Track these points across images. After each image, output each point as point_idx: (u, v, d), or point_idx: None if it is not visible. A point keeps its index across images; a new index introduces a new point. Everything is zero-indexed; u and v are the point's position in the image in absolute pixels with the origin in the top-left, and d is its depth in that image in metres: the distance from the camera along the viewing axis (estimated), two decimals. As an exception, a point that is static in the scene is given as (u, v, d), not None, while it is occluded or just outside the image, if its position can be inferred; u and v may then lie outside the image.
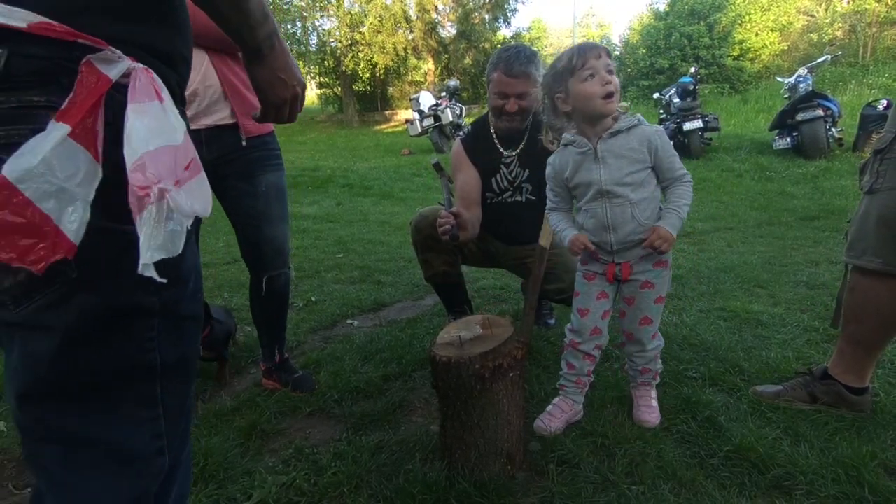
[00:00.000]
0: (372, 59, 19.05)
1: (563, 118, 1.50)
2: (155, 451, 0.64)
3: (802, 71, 8.05)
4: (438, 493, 1.24)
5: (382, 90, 21.95)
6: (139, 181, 0.48)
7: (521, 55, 1.86)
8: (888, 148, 1.40)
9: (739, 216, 5.21)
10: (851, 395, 1.53)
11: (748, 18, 17.18)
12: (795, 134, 7.42)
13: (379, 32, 18.98)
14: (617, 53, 19.97)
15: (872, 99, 7.92)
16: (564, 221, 1.59)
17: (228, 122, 1.58)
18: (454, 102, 10.83)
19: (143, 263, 0.50)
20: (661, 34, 17.09)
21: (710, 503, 1.21)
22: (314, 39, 20.15)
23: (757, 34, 17.22)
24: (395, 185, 7.75)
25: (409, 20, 20.00)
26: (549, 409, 1.59)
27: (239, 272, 3.19)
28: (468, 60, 20.80)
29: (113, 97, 0.52)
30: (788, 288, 2.86)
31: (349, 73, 19.79)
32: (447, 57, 20.96)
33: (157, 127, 0.52)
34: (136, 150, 0.50)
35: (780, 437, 1.45)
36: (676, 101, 8.25)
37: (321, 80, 21.82)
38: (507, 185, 2.08)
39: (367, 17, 19.23)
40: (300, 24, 19.45)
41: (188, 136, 0.57)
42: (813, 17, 18.40)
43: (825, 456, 1.35)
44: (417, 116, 10.46)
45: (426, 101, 10.57)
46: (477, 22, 20.53)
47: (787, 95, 8.14)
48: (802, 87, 7.68)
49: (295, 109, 0.85)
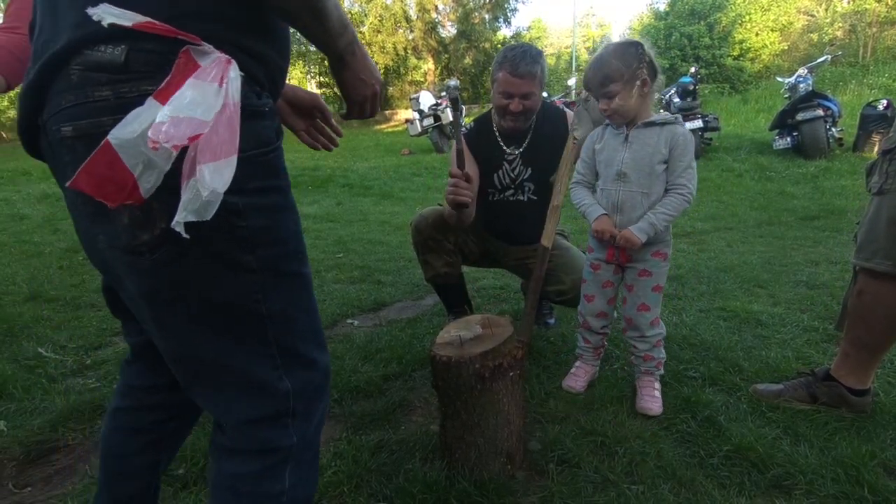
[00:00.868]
0: (372, 58, 19.08)
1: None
2: (276, 378, 0.78)
3: (802, 71, 8.05)
4: (438, 492, 1.25)
5: (382, 90, 21.95)
6: (153, 135, 0.56)
7: (526, 55, 1.86)
8: None
9: (739, 216, 5.21)
10: (853, 396, 1.54)
11: (748, 18, 17.20)
12: (795, 134, 7.43)
13: (379, 32, 19.01)
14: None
15: (872, 99, 7.92)
16: (590, 197, 1.70)
17: None
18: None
19: (175, 221, 0.59)
20: (661, 34, 17.10)
21: (709, 503, 1.22)
22: (314, 39, 20.14)
23: (757, 34, 17.24)
24: (394, 184, 7.76)
25: (409, 20, 20.03)
26: (573, 370, 1.81)
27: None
28: (468, 60, 20.83)
29: None
30: (788, 288, 2.86)
31: (349, 72, 19.76)
32: (447, 57, 20.99)
33: (198, 101, 0.60)
34: (170, 111, 0.57)
35: (779, 436, 1.45)
36: (676, 100, 8.25)
37: (321, 79, 21.84)
38: (508, 181, 2.08)
39: (367, 16, 19.26)
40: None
41: (233, 123, 0.63)
42: (813, 16, 18.41)
43: (825, 455, 1.35)
44: (417, 116, 10.46)
45: (426, 100, 10.57)
46: (477, 22, 20.56)
47: (787, 95, 8.14)
48: (802, 87, 7.68)
49: (375, 105, 0.97)
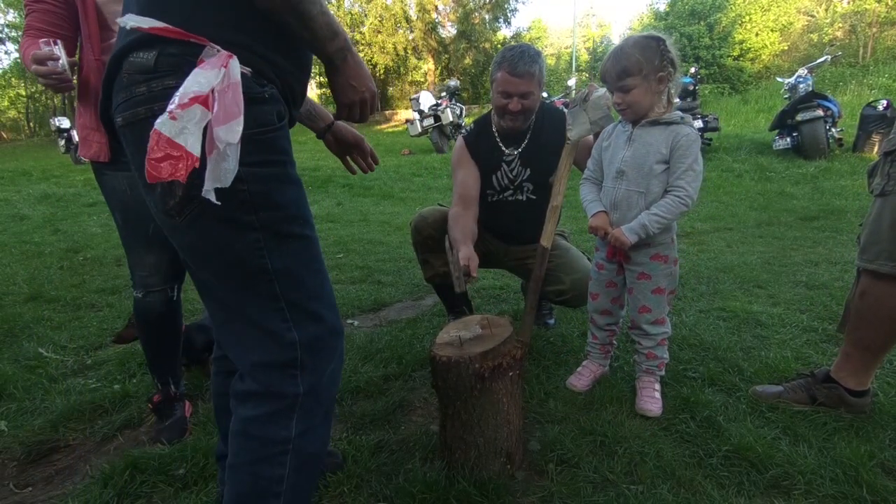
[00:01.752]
0: (372, 58, 19.07)
1: None
2: (285, 329, 0.90)
3: (802, 71, 8.06)
4: (438, 492, 1.25)
5: (383, 90, 21.96)
6: (170, 109, 0.72)
7: (525, 55, 1.86)
8: None
9: (739, 216, 5.21)
10: (852, 397, 1.54)
11: (748, 18, 17.20)
12: (795, 134, 7.43)
13: (379, 32, 19.01)
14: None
15: (872, 99, 7.92)
16: (594, 193, 1.71)
17: None
18: (454, 102, 10.83)
19: (205, 190, 0.74)
20: (659, 32, 17.09)
21: (708, 503, 1.22)
22: (314, 39, 20.11)
23: (757, 34, 17.24)
24: (395, 185, 7.76)
25: (409, 20, 20.02)
26: (578, 369, 1.81)
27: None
28: (468, 60, 20.82)
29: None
30: (788, 288, 2.86)
31: (349, 72, 19.75)
32: (447, 57, 20.98)
33: (196, 81, 0.74)
34: (179, 93, 0.73)
35: (778, 436, 1.45)
36: (677, 101, 8.24)
37: (321, 79, 21.82)
38: (507, 182, 2.08)
39: (367, 16, 19.26)
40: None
41: (236, 96, 0.76)
42: (813, 17, 18.42)
43: (823, 456, 1.35)
44: (417, 116, 10.45)
45: (426, 101, 10.56)
46: (477, 22, 20.55)
47: (787, 96, 8.15)
48: (802, 87, 7.69)
49: (365, 111, 1.04)
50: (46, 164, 11.72)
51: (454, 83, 11.71)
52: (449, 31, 21.00)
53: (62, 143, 12.65)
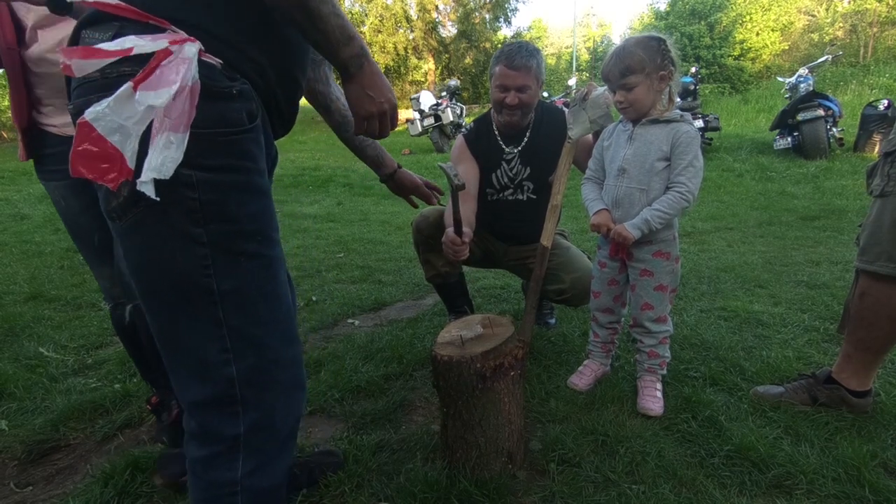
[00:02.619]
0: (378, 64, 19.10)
1: None
2: (222, 361, 0.79)
3: (803, 71, 8.05)
4: (439, 492, 1.25)
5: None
6: (106, 132, 0.64)
7: (522, 49, 1.87)
8: None
9: (740, 216, 5.21)
10: (854, 398, 1.53)
11: (749, 18, 17.20)
12: (796, 134, 7.43)
13: (379, 32, 19.01)
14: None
15: (873, 99, 7.92)
16: (595, 192, 1.71)
17: None
18: (454, 102, 10.83)
19: (140, 181, 0.63)
20: (660, 32, 17.09)
21: (710, 502, 1.21)
22: (315, 39, 20.14)
23: (758, 34, 17.24)
24: (395, 184, 7.74)
25: (409, 20, 20.02)
26: (580, 368, 1.82)
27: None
28: (468, 60, 20.82)
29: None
30: (789, 288, 2.86)
31: (350, 72, 19.77)
32: (447, 57, 20.98)
33: (132, 41, 0.68)
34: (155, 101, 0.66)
35: (780, 436, 1.45)
36: (677, 100, 8.25)
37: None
38: (507, 181, 2.07)
39: (367, 16, 19.26)
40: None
41: (189, 102, 0.68)
42: (814, 16, 18.41)
43: (825, 455, 1.35)
44: (418, 116, 10.46)
45: (426, 100, 10.57)
46: (477, 22, 20.55)
47: (787, 95, 8.15)
48: (803, 87, 7.69)
49: (385, 124, 0.94)
50: (47, 163, 11.72)
51: (454, 83, 11.72)
52: (449, 30, 21.00)
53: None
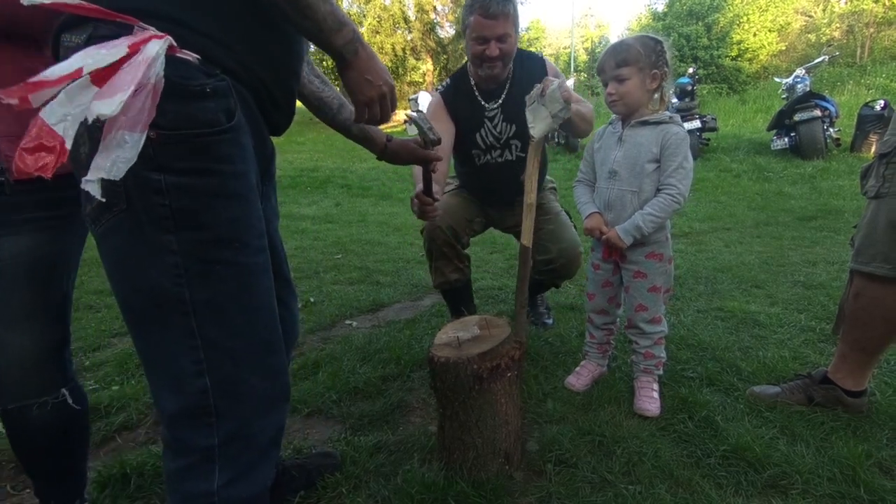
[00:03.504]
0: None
1: None
2: (194, 372, 0.76)
3: (800, 71, 8.09)
4: (437, 493, 1.25)
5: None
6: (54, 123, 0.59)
7: None
8: (894, 152, 1.38)
9: (737, 216, 5.22)
10: (849, 398, 1.54)
11: (746, 19, 17.25)
12: (793, 134, 7.46)
13: (377, 33, 19.01)
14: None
15: (870, 99, 7.95)
16: (587, 195, 1.72)
17: None
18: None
19: (85, 179, 0.60)
20: (659, 35, 17.13)
21: (706, 502, 1.22)
22: (312, 40, 20.16)
23: (755, 34, 17.28)
24: (393, 185, 7.76)
25: (407, 21, 20.02)
26: (577, 369, 1.82)
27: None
28: (466, 61, 20.81)
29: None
30: (786, 288, 2.87)
31: (348, 73, 19.77)
32: (446, 57, 20.97)
33: (87, 56, 0.62)
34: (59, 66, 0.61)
35: (776, 436, 1.46)
36: (674, 101, 8.27)
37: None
38: (493, 141, 1.99)
39: (365, 17, 19.26)
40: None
41: (135, 69, 0.63)
42: (811, 17, 18.48)
43: (821, 455, 1.36)
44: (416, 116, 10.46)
45: (424, 101, 10.58)
46: (475, 22, 20.52)
47: (784, 96, 8.18)
48: (800, 87, 7.72)
49: (386, 108, 0.94)
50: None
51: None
52: (447, 31, 21.00)
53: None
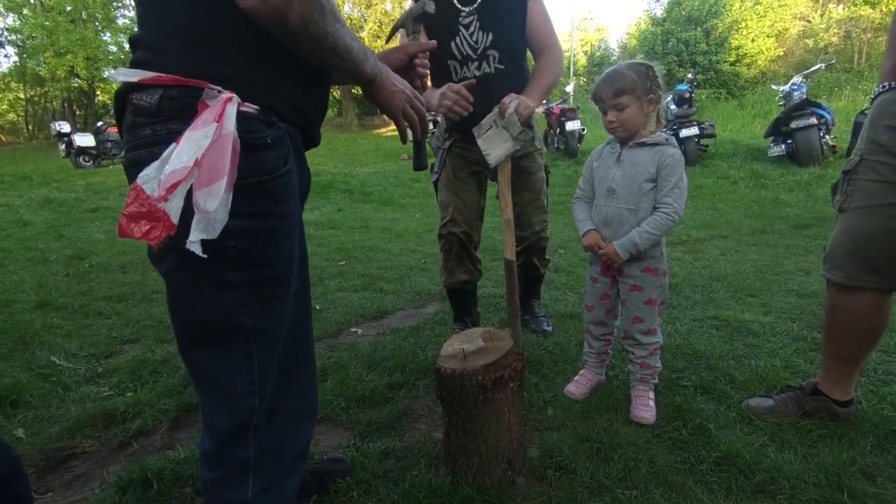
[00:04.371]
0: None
1: None
2: (248, 392, 0.86)
3: (797, 79, 8.17)
4: (443, 497, 1.31)
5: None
6: (154, 194, 0.69)
7: None
8: (854, 170, 1.49)
9: (734, 224, 5.29)
10: (839, 408, 1.61)
11: (744, 24, 17.34)
12: (790, 141, 7.54)
13: (378, 37, 19.08)
14: (615, 58, 20.06)
15: (866, 106, 8.01)
16: (585, 212, 1.79)
17: None
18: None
19: (189, 241, 0.69)
20: (658, 39, 17.24)
21: (698, 507, 1.29)
22: (313, 43, 20.21)
23: (753, 40, 17.37)
24: (395, 190, 7.82)
25: (408, 25, 20.05)
26: (576, 378, 1.89)
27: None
28: None
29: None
30: (780, 297, 2.94)
31: (348, 77, 19.84)
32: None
33: (185, 151, 0.71)
34: (167, 167, 0.70)
35: (766, 443, 1.52)
36: (673, 107, 8.35)
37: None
38: (469, 51, 1.94)
39: (366, 22, 19.34)
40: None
41: (224, 150, 0.72)
42: (809, 22, 18.58)
43: (808, 462, 1.42)
44: (417, 121, 10.50)
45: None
46: (475, 27, 20.59)
47: (781, 103, 8.26)
48: (797, 94, 7.79)
49: (417, 107, 1.01)
50: (46, 168, 11.77)
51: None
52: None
53: (62, 147, 12.71)
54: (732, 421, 1.64)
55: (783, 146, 7.64)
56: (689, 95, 8.34)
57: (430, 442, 1.58)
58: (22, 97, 24.46)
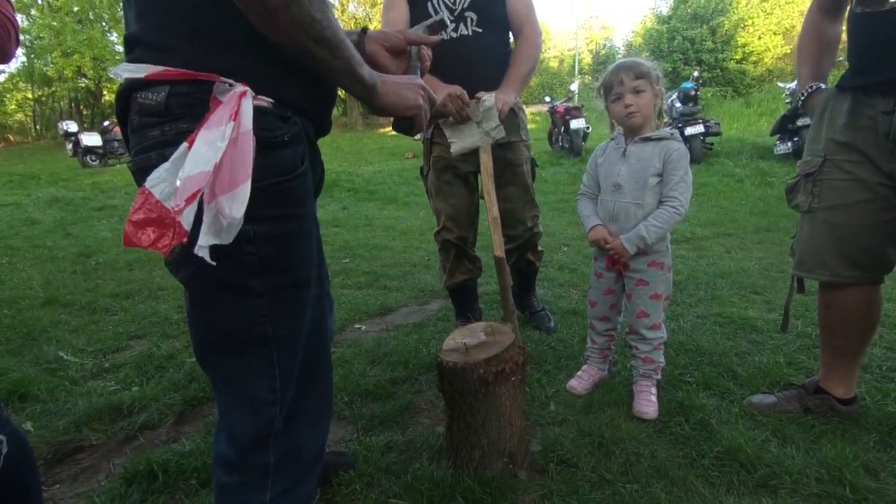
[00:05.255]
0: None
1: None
2: (270, 401, 0.83)
3: (803, 76, 8.10)
4: (445, 489, 1.32)
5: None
6: (171, 204, 0.64)
7: None
8: (819, 171, 1.50)
9: (739, 222, 5.27)
10: (842, 405, 1.61)
11: (751, 22, 17.21)
12: (796, 139, 7.49)
13: (382, 36, 19.08)
14: (620, 57, 19.97)
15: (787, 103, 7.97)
16: (590, 208, 1.79)
17: None
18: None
19: (198, 246, 0.64)
20: (663, 37, 17.14)
21: (699, 501, 1.29)
22: (318, 43, 20.29)
23: (760, 37, 17.24)
24: (399, 189, 7.84)
25: (412, 24, 20.09)
26: (579, 373, 1.90)
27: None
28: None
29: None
30: (783, 294, 2.91)
31: (353, 76, 19.88)
32: (450, 60, 21.01)
33: (202, 154, 0.66)
34: (182, 174, 0.65)
35: (768, 438, 1.52)
36: (678, 105, 8.32)
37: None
38: (445, 11, 1.92)
39: (371, 21, 19.36)
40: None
41: (244, 150, 0.68)
42: (815, 20, 18.36)
43: (810, 457, 1.42)
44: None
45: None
46: (480, 25, 20.59)
47: (788, 101, 8.22)
48: (803, 92, 7.74)
49: (431, 96, 0.94)
50: (54, 167, 11.87)
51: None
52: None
53: (69, 146, 12.81)
54: (735, 416, 1.64)
55: (789, 144, 7.60)
56: (694, 93, 8.31)
57: (432, 436, 1.59)
58: (30, 97, 24.66)
